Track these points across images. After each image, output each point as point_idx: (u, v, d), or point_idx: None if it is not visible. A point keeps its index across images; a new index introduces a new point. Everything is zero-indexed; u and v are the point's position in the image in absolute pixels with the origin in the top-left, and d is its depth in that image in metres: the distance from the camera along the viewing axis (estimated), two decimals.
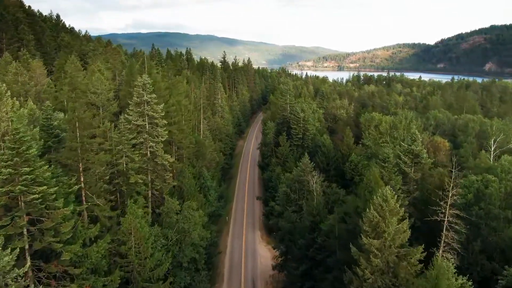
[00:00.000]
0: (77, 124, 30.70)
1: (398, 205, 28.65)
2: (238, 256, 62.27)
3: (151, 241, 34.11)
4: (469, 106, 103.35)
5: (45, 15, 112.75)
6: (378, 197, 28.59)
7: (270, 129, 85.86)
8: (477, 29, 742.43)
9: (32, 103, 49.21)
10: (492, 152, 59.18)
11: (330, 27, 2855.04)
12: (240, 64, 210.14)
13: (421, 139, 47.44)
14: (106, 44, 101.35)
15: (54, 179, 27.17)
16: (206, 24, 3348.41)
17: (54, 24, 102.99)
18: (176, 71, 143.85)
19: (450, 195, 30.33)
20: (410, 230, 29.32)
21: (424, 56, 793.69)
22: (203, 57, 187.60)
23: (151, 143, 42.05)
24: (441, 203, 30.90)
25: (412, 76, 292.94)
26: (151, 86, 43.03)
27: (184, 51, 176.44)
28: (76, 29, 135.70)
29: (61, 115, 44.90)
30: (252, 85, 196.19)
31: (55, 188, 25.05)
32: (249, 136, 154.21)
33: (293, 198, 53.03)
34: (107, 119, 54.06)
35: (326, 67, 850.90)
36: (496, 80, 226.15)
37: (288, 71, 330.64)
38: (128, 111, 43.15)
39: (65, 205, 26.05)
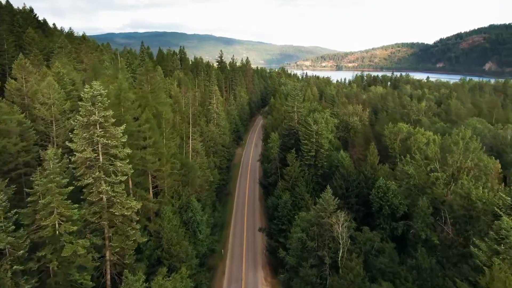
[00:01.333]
0: None
1: None
2: None
3: None
4: (500, 112, 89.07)
5: (17, 7, 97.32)
6: None
7: (273, 142, 71.19)
8: (476, 28, 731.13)
9: None
10: None
11: (328, 27, 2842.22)
12: (238, 64, 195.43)
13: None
14: (80, 41, 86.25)
15: None
16: (204, 24, 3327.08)
17: (24, 18, 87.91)
18: (168, 72, 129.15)
19: None
20: None
21: (423, 55, 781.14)
22: (198, 57, 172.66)
23: (104, 186, 27.45)
24: None
25: (414, 76, 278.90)
26: (105, 99, 28.34)
27: (179, 50, 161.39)
28: (73, 29, 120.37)
29: None
30: (250, 87, 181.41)
31: None
32: (248, 142, 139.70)
33: (310, 247, 38.55)
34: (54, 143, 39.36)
35: (324, 66, 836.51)
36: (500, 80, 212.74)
37: (287, 71, 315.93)
38: (72, 135, 28.52)
39: None
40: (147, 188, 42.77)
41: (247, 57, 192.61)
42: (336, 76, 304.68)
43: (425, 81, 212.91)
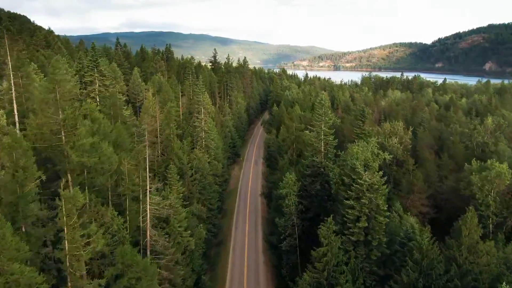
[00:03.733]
0: None
1: None
2: None
3: None
4: None
5: None
6: None
7: (288, 187, 45.17)
8: (475, 28, 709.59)
9: None
10: None
11: (324, 27, 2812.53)
12: (235, 64, 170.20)
13: None
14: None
15: None
16: (200, 24, 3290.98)
17: None
18: (148, 74, 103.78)
19: None
20: None
21: (422, 55, 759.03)
22: (188, 57, 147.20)
23: None
24: None
25: (411, 75, 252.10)
26: None
27: (165, 49, 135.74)
28: (69, 29, 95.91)
29: None
30: (249, 91, 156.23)
31: None
32: (247, 158, 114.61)
33: None
34: None
35: (322, 66, 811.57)
36: None
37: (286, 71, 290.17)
38: None
39: None
40: None
41: (245, 57, 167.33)
42: (335, 77, 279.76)
43: (448, 83, 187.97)
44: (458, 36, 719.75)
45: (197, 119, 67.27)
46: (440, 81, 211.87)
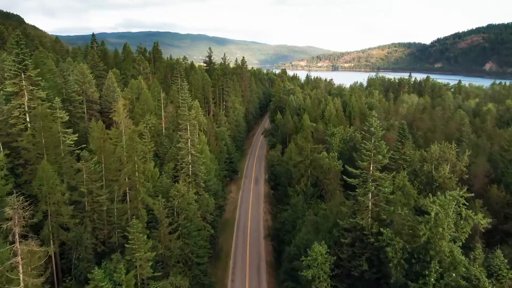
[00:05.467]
0: None
1: None
2: None
3: None
4: None
5: None
6: None
7: (316, 268, 27.01)
8: (474, 28, 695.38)
9: None
10: None
11: (322, 27, 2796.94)
12: (232, 65, 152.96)
13: None
14: None
15: None
16: (197, 24, 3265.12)
17: None
18: (129, 77, 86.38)
19: None
20: None
21: (421, 55, 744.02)
22: (179, 57, 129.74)
23: None
24: None
25: (416, 76, 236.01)
26: None
27: (153, 47, 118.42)
28: (65, 28, 79.23)
29: None
30: (247, 94, 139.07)
31: None
32: (246, 175, 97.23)
33: None
34: None
35: (320, 67, 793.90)
36: None
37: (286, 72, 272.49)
38: None
39: None
40: None
41: (243, 57, 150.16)
42: (333, 77, 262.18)
43: (468, 86, 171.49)
44: (458, 36, 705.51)
45: (181, 138, 50.14)
46: (442, 81, 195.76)
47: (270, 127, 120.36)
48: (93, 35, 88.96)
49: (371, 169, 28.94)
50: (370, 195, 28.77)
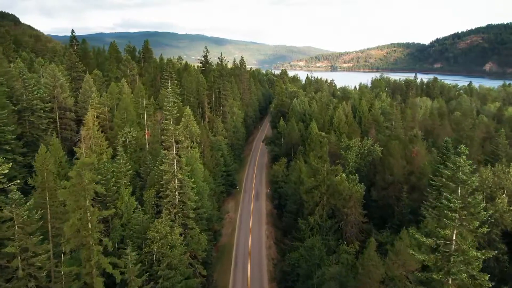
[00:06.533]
0: None
1: None
2: None
3: None
4: None
5: None
6: None
7: None
8: (473, 28, 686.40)
9: None
10: None
11: (321, 27, 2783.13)
12: (230, 65, 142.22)
13: None
14: None
15: None
16: (195, 24, 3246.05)
17: None
18: (112, 80, 75.46)
19: None
20: None
21: (420, 56, 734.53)
22: (172, 57, 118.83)
23: None
24: None
25: (408, 76, 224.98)
26: None
27: (143, 46, 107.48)
28: (62, 28, 68.56)
29: None
30: (247, 97, 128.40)
31: None
32: (246, 188, 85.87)
33: None
34: None
35: (319, 67, 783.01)
36: None
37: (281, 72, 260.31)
38: None
39: None
40: None
41: (242, 57, 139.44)
42: (332, 77, 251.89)
43: (461, 86, 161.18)
44: (457, 37, 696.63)
45: (165, 159, 39.36)
46: (448, 82, 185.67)
47: (271, 134, 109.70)
48: (72, 31, 77.93)
49: (454, 238, 18.17)
50: (450, 279, 17.96)
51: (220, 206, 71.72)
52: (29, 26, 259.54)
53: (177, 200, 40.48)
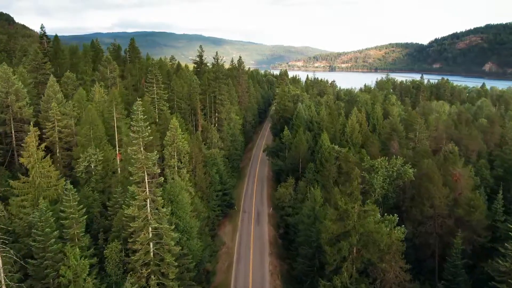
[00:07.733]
0: None
1: None
2: None
3: None
4: None
5: None
6: None
7: None
8: (472, 28, 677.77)
9: None
10: None
11: (318, 27, 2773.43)
12: (227, 65, 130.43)
13: None
14: None
15: None
16: (193, 24, 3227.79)
17: None
18: (89, 84, 63.35)
19: None
20: None
21: (419, 56, 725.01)
22: (163, 58, 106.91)
23: None
24: None
25: (412, 77, 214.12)
26: None
27: (129, 45, 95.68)
28: (60, 28, 56.31)
29: None
30: (245, 100, 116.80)
31: None
32: (245, 207, 73.79)
33: None
34: None
35: (317, 67, 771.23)
36: None
37: (281, 72, 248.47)
38: None
39: None
40: None
41: (240, 57, 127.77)
42: (331, 78, 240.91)
43: (471, 87, 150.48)
44: (456, 37, 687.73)
45: (133, 200, 27.69)
46: (453, 82, 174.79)
47: (272, 141, 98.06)
48: (41, 27, 65.63)
49: None
50: None
51: (215, 234, 60.16)
52: (23, 25, 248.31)
53: (151, 255, 28.81)
